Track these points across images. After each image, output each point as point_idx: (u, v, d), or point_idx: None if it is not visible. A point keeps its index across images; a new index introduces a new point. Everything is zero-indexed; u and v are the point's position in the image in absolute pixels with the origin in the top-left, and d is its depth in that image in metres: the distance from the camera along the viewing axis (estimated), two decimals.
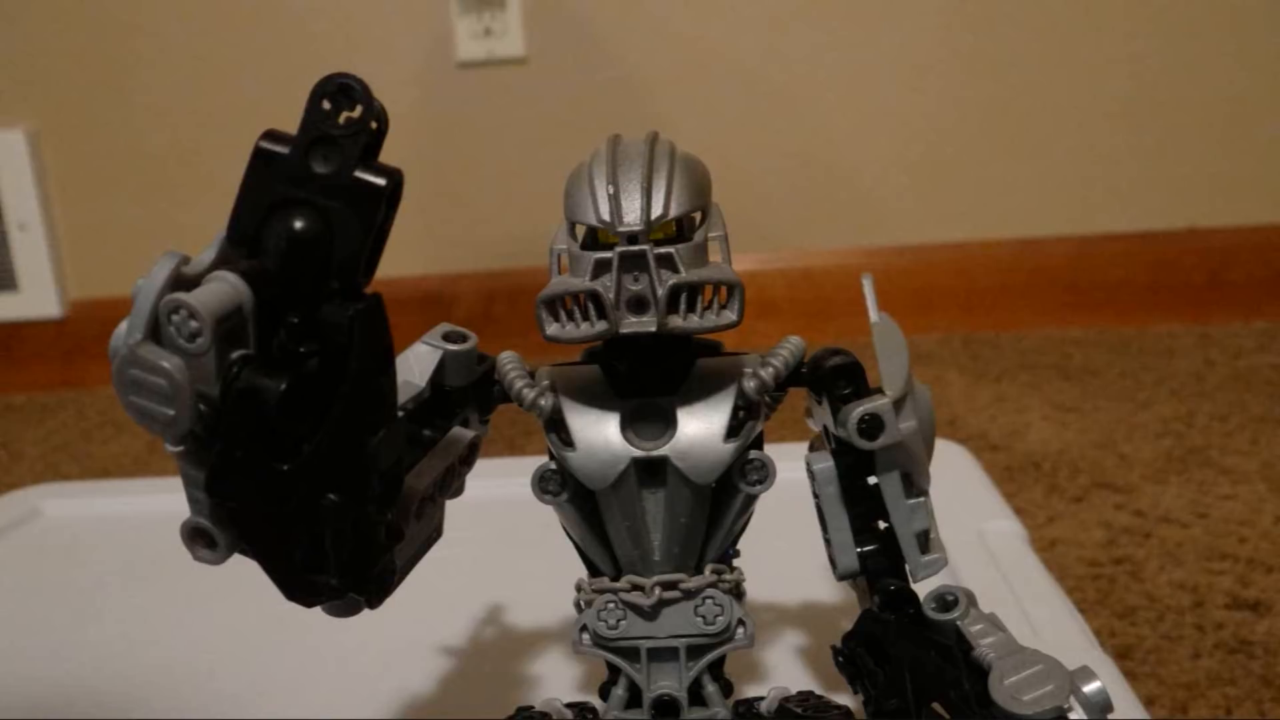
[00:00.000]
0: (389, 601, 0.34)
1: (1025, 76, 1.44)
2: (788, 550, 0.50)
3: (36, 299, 1.53)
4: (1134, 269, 1.46)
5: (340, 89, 0.28)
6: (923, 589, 0.38)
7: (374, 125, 0.28)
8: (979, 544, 0.63)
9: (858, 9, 1.43)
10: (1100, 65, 1.43)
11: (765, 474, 0.39)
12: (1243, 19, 1.40)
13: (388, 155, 0.29)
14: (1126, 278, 1.46)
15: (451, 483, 0.38)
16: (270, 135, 0.29)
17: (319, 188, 0.28)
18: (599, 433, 0.38)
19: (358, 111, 0.28)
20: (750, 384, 0.37)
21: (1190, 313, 1.44)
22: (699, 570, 0.39)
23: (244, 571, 0.34)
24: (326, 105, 0.28)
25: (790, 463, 0.41)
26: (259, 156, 0.29)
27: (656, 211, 0.35)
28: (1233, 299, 1.44)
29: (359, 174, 0.28)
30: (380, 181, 0.28)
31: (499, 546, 0.67)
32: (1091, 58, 1.43)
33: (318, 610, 0.33)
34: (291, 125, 0.29)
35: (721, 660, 0.41)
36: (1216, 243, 1.45)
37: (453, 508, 0.38)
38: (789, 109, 1.47)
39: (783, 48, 1.45)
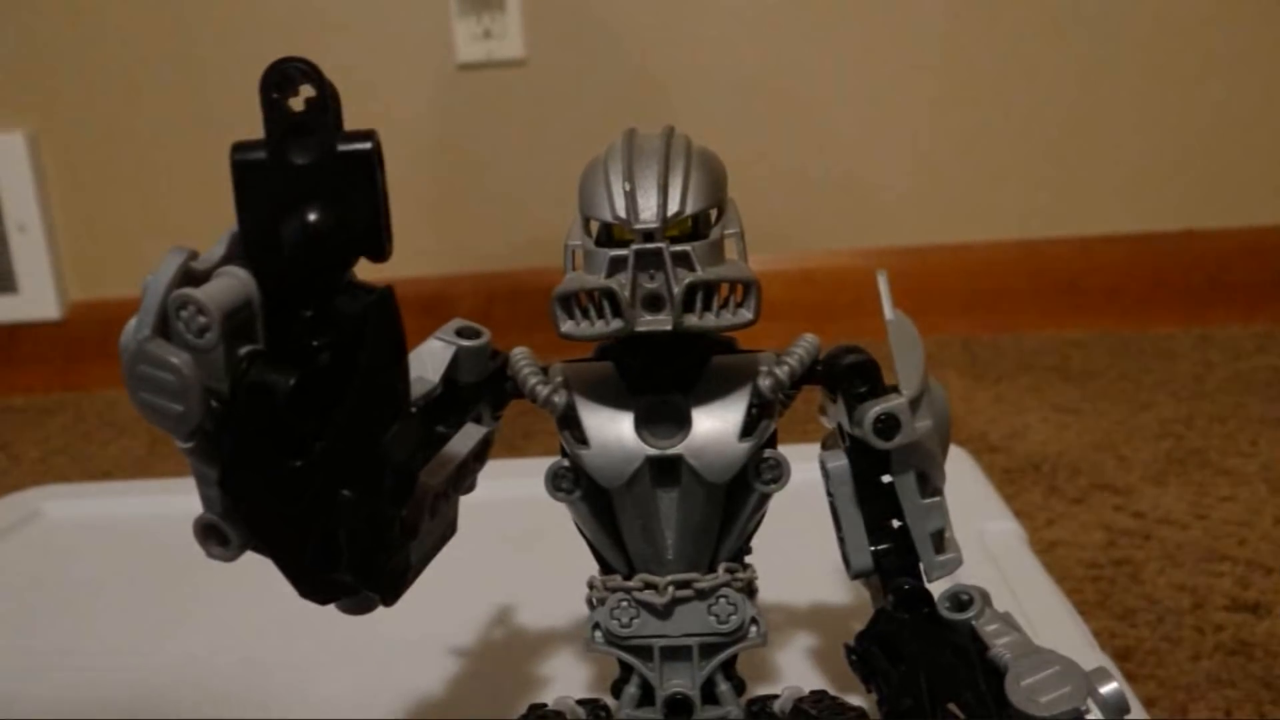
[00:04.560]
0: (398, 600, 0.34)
1: (1025, 78, 1.44)
2: (799, 549, 0.50)
3: (36, 301, 1.53)
4: (1134, 271, 1.46)
5: (283, 75, 0.28)
6: (936, 588, 0.38)
7: (329, 94, 0.28)
8: (979, 545, 0.63)
9: (858, 11, 1.44)
10: (1100, 66, 1.43)
11: (780, 473, 0.38)
12: (1243, 19, 1.40)
13: (388, 156, 0.29)
14: (1126, 280, 1.46)
15: (464, 479, 0.37)
16: (241, 147, 0.29)
17: (311, 177, 0.28)
18: (613, 430, 0.38)
19: (312, 91, 0.28)
20: (765, 382, 0.37)
21: (1190, 315, 1.44)
22: (712, 569, 0.39)
23: (245, 572, 0.34)
24: (277, 96, 0.28)
25: (800, 463, 0.41)
26: (239, 169, 0.28)
27: (673, 209, 0.34)
28: (1232, 301, 1.44)
29: (342, 147, 0.28)
30: (365, 145, 0.28)
31: (502, 546, 0.67)
32: (1092, 59, 1.43)
33: (322, 609, 0.33)
34: None
35: (734, 659, 0.41)
36: (1216, 245, 1.45)
37: None
38: (789, 111, 1.47)
39: (783, 50, 1.45)
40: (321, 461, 0.29)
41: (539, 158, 1.47)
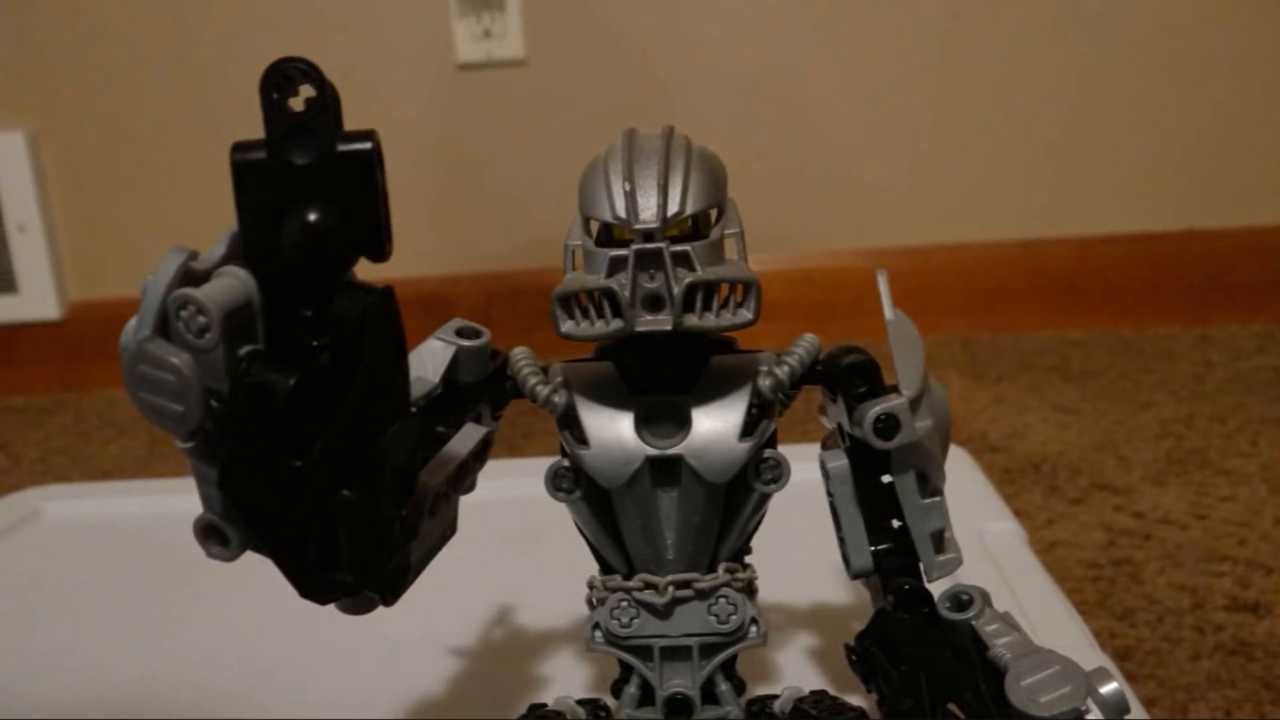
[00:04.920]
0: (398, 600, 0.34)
1: (1025, 79, 1.44)
2: (799, 549, 0.50)
3: (36, 301, 1.53)
4: (1134, 270, 1.46)
5: (283, 75, 0.28)
6: (936, 588, 0.38)
7: (329, 94, 0.28)
8: (979, 545, 0.63)
9: (858, 11, 1.44)
10: (1100, 66, 1.43)
11: (780, 473, 0.38)
12: (1243, 19, 1.40)
13: (388, 156, 0.29)
14: (1126, 279, 1.46)
15: (464, 479, 0.37)
16: (240, 147, 0.29)
17: (311, 177, 0.28)
18: (613, 431, 0.38)
19: (312, 91, 0.28)
20: (765, 383, 0.37)
21: (1190, 314, 1.44)
22: (712, 569, 0.39)
23: (245, 572, 0.34)
24: (276, 96, 0.28)
25: (800, 463, 0.41)
26: (239, 170, 0.28)
27: (673, 209, 0.34)
28: (1232, 301, 1.44)
29: (342, 147, 0.28)
30: (365, 145, 0.28)
31: (502, 546, 0.67)
32: (1092, 59, 1.43)
33: (321, 609, 0.33)
34: None
35: (734, 659, 0.41)
36: (1216, 244, 1.45)
37: None
38: (789, 111, 1.47)
39: (783, 50, 1.45)
40: (321, 461, 0.29)
41: (539, 158, 1.47)
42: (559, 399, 0.38)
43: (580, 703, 0.41)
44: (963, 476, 0.75)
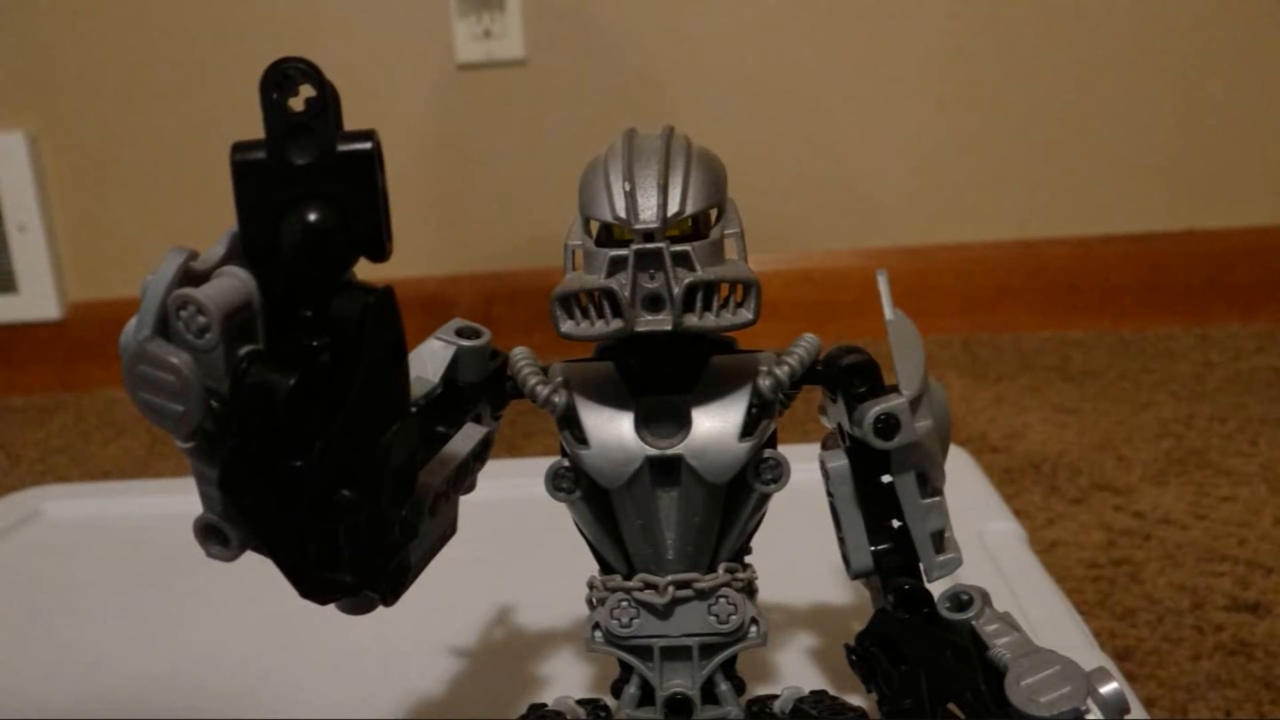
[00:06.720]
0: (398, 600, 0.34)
1: (1025, 79, 1.44)
2: (799, 549, 0.50)
3: (36, 301, 1.53)
4: (1133, 271, 1.46)
5: (283, 75, 0.28)
6: (936, 588, 0.38)
7: (329, 94, 0.28)
8: (979, 545, 0.63)
9: (859, 11, 1.44)
10: (1100, 66, 1.43)
11: (780, 473, 0.38)
12: (1243, 19, 1.40)
13: (388, 156, 0.29)
14: (1126, 279, 1.47)
15: (464, 479, 0.38)
16: (240, 147, 0.28)
17: (311, 177, 0.28)
18: (613, 431, 0.38)
19: (312, 91, 0.28)
20: (765, 383, 0.37)
21: (1189, 314, 1.45)
22: (712, 569, 0.39)
23: (245, 572, 0.34)
24: (276, 96, 0.28)
25: (800, 463, 0.41)
26: (239, 170, 0.28)
27: (673, 209, 0.34)
28: (1232, 301, 1.44)
29: (342, 147, 0.28)
30: (365, 145, 0.28)
31: (502, 546, 0.67)
32: (1092, 59, 1.43)
33: (321, 609, 0.33)
34: None
35: (734, 659, 0.41)
36: (1216, 244, 1.45)
37: None
38: (789, 111, 1.47)
39: (784, 50, 1.45)
40: (321, 461, 0.29)
41: (539, 158, 1.47)
42: (559, 399, 0.38)
43: (580, 703, 0.41)
44: (963, 476, 0.75)
